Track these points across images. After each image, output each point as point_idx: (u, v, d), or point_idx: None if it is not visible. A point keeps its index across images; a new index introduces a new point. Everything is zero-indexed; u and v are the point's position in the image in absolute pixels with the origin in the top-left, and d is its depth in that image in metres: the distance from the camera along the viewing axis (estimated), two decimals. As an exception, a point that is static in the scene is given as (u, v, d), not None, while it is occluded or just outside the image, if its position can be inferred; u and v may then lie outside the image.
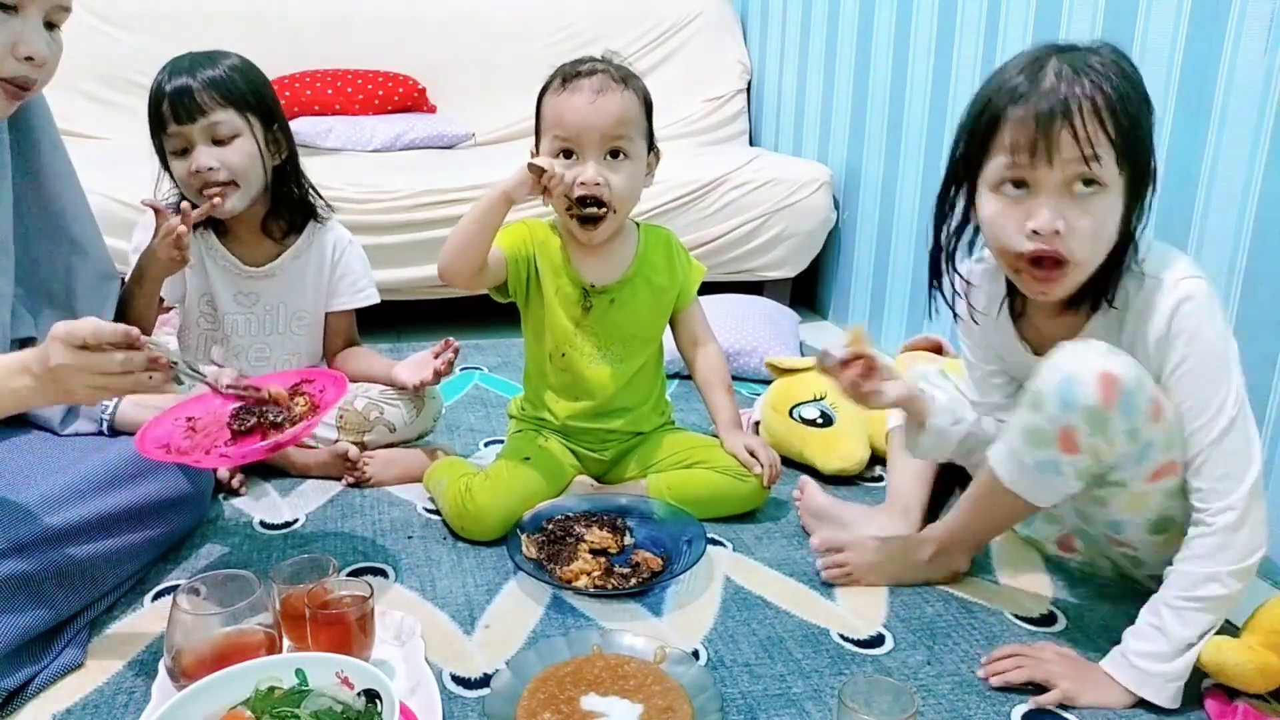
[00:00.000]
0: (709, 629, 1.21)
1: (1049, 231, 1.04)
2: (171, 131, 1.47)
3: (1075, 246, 1.05)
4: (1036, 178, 1.05)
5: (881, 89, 2.39)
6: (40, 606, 1.08)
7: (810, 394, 1.71)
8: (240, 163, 1.49)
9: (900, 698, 0.90)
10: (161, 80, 1.48)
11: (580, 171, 1.39)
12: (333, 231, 1.66)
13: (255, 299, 1.63)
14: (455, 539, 1.42)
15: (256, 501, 1.52)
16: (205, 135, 1.47)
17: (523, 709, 1.00)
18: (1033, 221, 1.05)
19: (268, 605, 1.00)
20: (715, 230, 2.53)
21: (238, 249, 1.60)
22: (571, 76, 1.40)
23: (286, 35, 2.90)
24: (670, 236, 1.56)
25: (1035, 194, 1.06)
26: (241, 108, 1.49)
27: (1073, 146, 1.02)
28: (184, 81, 1.46)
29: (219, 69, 1.49)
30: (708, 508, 1.46)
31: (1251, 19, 1.35)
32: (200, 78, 1.46)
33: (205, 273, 1.60)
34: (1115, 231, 1.08)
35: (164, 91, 1.46)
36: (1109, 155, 1.03)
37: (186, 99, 1.45)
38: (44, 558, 1.08)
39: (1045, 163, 1.04)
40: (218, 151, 1.48)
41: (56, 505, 1.12)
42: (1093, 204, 1.05)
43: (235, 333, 1.63)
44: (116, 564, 1.20)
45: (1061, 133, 1.02)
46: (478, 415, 1.93)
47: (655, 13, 3.20)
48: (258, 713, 0.86)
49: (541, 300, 1.50)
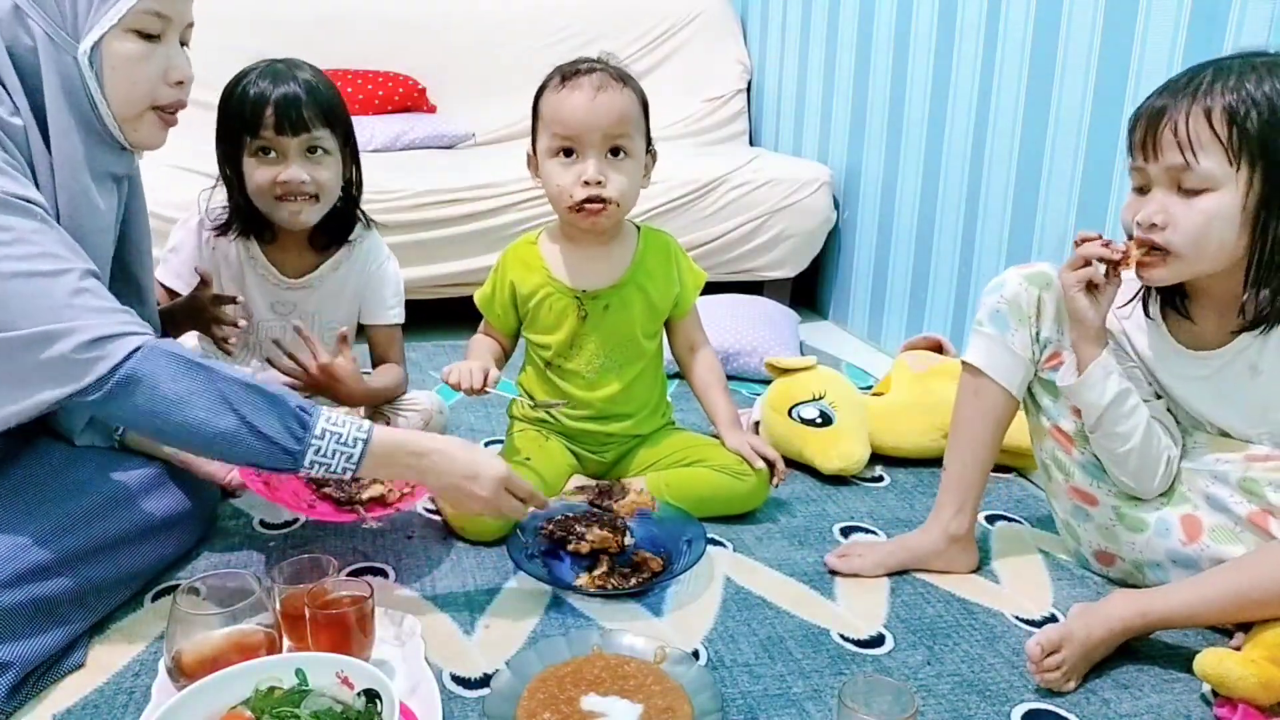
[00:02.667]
0: (709, 629, 1.21)
1: (1147, 224, 1.12)
2: (266, 138, 1.44)
3: (1174, 239, 1.10)
4: (1147, 175, 1.12)
5: (881, 89, 2.39)
6: (58, 626, 1.08)
7: (810, 394, 1.71)
8: (328, 181, 1.49)
9: (900, 698, 0.90)
10: (261, 85, 1.44)
11: (582, 169, 1.39)
12: (370, 243, 1.64)
13: (292, 308, 1.61)
14: (455, 539, 1.42)
15: (256, 502, 1.52)
16: (301, 149, 1.46)
17: (523, 709, 1.00)
18: (1139, 214, 1.13)
19: (268, 605, 1.00)
20: (715, 230, 2.53)
21: (279, 258, 1.58)
22: (571, 75, 1.39)
23: (286, 35, 2.89)
24: (670, 242, 1.55)
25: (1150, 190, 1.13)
26: (335, 126, 1.49)
27: (1171, 144, 1.09)
28: (292, 90, 1.44)
29: (317, 81, 1.48)
30: (706, 506, 1.46)
31: (1251, 19, 1.35)
32: (306, 90, 1.45)
33: (243, 280, 1.58)
34: (1231, 233, 1.09)
35: (266, 98, 1.43)
36: (1212, 156, 1.07)
37: (294, 112, 1.43)
38: (61, 580, 1.09)
39: (1150, 161, 1.11)
40: (310, 167, 1.46)
41: (73, 527, 1.12)
42: (1198, 201, 1.09)
43: (268, 341, 1.62)
44: (128, 581, 1.20)
45: (1164, 131, 1.09)
46: (478, 415, 1.93)
47: (655, 13, 3.20)
48: (258, 713, 0.86)
49: (536, 321, 1.51)
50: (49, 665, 1.07)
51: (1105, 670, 1.13)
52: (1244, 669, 1.02)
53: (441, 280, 2.40)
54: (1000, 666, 1.14)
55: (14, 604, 1.03)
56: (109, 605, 1.18)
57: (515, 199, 2.35)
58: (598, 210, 1.40)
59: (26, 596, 1.04)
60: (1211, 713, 1.06)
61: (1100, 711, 1.06)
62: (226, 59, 2.79)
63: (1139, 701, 1.08)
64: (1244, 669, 1.02)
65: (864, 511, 1.55)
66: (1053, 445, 1.29)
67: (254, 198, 1.49)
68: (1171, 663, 1.15)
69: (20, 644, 1.03)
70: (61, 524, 1.11)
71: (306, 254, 1.60)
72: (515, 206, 2.36)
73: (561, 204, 1.42)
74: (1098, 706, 1.07)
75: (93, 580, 1.13)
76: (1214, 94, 1.07)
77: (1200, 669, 1.05)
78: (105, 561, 1.15)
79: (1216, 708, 1.06)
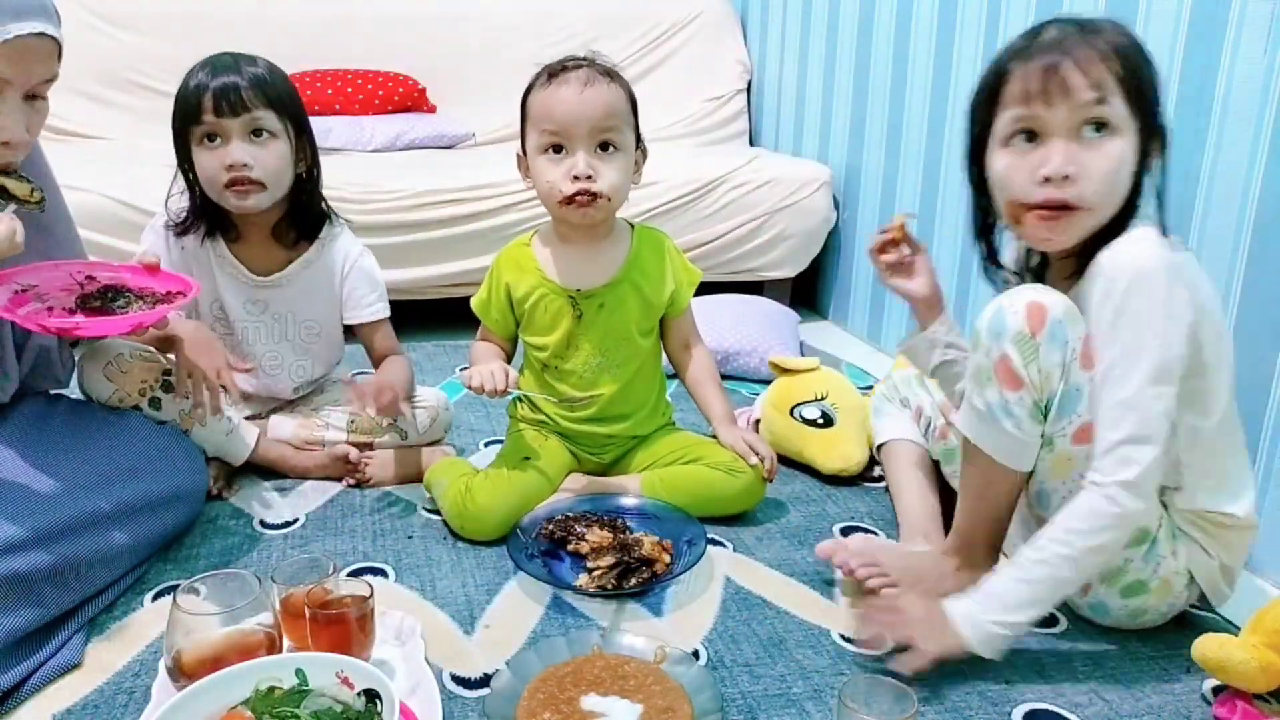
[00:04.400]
0: (709, 629, 1.21)
1: (1060, 176, 1.04)
2: (208, 122, 1.45)
3: (1087, 190, 1.05)
4: (1046, 123, 1.05)
5: (881, 89, 2.39)
6: (31, 605, 1.08)
7: (812, 394, 1.71)
8: (273, 165, 1.49)
9: (900, 698, 0.90)
10: (202, 76, 1.46)
11: (571, 164, 1.38)
12: (342, 241, 1.64)
13: (264, 307, 1.62)
14: (455, 539, 1.42)
15: (256, 502, 1.52)
16: (244, 131, 1.46)
17: (523, 709, 1.00)
18: (1045, 168, 1.05)
19: (268, 605, 1.00)
20: (715, 230, 2.53)
21: (246, 255, 1.59)
22: (558, 72, 1.39)
23: (286, 35, 2.90)
24: (665, 240, 1.55)
25: (1046, 140, 1.05)
26: (281, 111, 1.49)
27: (1082, 84, 1.02)
28: (231, 78, 1.45)
29: (262, 69, 1.49)
30: (702, 504, 1.45)
31: (1251, 19, 1.35)
32: (247, 75, 1.46)
33: (214, 280, 1.59)
34: (1128, 181, 1.06)
35: (205, 85, 1.44)
36: (1118, 96, 1.03)
37: (232, 94, 1.44)
38: (36, 557, 1.08)
39: (1055, 103, 1.03)
40: (253, 150, 1.47)
41: (49, 504, 1.12)
42: (1105, 146, 1.04)
43: (247, 340, 1.62)
44: (109, 562, 1.19)
45: (1070, 72, 1.02)
46: (478, 415, 1.93)
47: (655, 13, 3.20)
48: (258, 713, 0.86)
49: (532, 322, 1.51)
50: (27, 652, 1.06)
51: (1106, 670, 1.14)
52: (1244, 654, 1.02)
53: (441, 280, 2.40)
54: (1000, 666, 1.14)
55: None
56: (92, 587, 1.17)
57: (515, 199, 2.35)
58: (588, 203, 1.40)
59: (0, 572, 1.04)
60: (1211, 713, 1.06)
61: (1101, 711, 1.06)
62: (226, 59, 2.82)
63: (1139, 702, 1.08)
64: (1244, 654, 1.02)
65: (864, 511, 1.55)
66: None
67: (206, 189, 1.50)
68: (1171, 663, 1.15)
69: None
70: (36, 502, 1.10)
71: (274, 251, 1.60)
72: (515, 206, 2.37)
73: (552, 200, 1.42)
74: (1099, 707, 1.07)
75: (70, 558, 1.12)
76: (1095, 38, 1.03)
77: (1200, 654, 1.05)
78: (83, 540, 1.14)
79: (1216, 708, 1.06)
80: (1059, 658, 1.16)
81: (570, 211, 1.41)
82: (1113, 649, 1.18)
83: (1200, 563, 1.14)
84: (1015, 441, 1.13)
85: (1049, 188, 1.05)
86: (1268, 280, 1.35)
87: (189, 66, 1.49)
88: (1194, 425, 1.10)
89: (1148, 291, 1.03)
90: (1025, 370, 1.08)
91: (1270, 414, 1.34)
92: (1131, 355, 1.03)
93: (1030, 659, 1.16)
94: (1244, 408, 1.38)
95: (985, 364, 1.11)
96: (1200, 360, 1.07)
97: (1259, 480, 1.36)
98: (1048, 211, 1.06)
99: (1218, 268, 1.42)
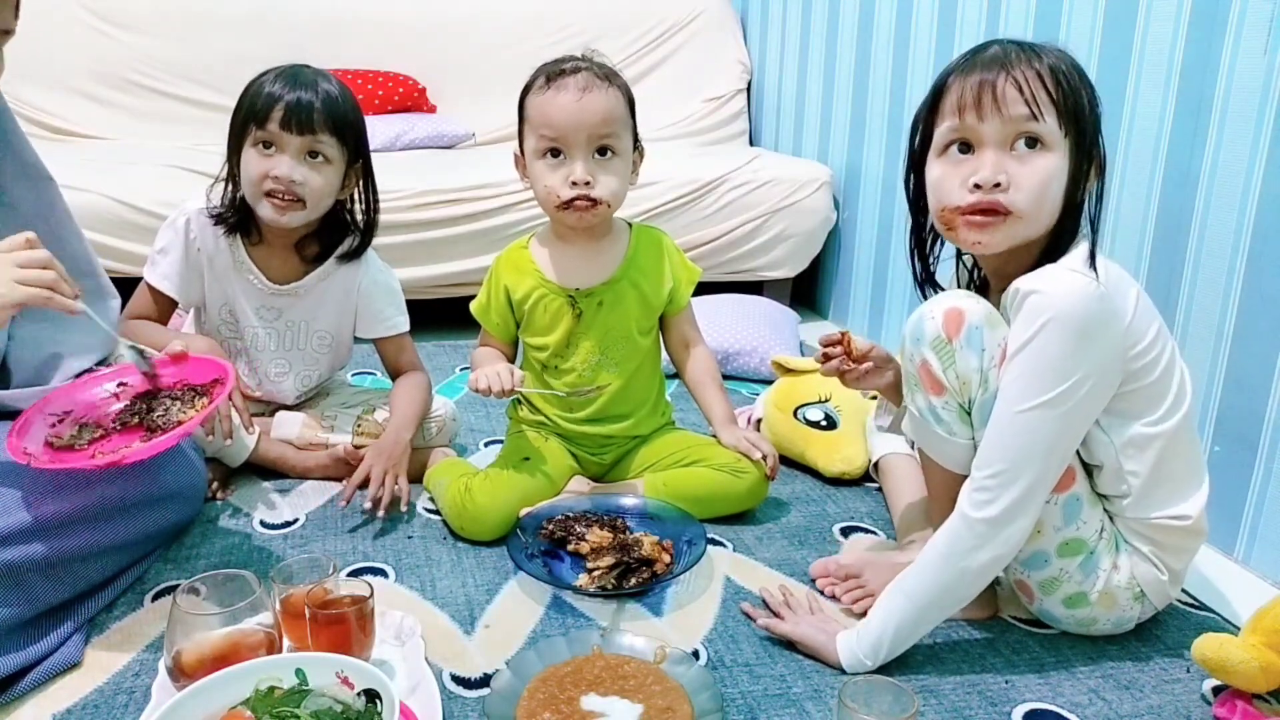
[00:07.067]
0: (709, 629, 1.21)
1: (989, 184, 1.06)
2: (270, 131, 1.44)
3: (1017, 198, 1.06)
4: (980, 134, 1.07)
5: (881, 89, 2.39)
6: (20, 597, 1.07)
7: (815, 395, 1.71)
8: (319, 188, 1.48)
9: (900, 698, 0.90)
10: (278, 86, 1.44)
11: (570, 170, 1.38)
12: (364, 257, 1.62)
13: (278, 314, 1.61)
14: (455, 539, 1.42)
15: (256, 501, 1.52)
16: (301, 150, 1.45)
17: (523, 709, 1.00)
18: (975, 176, 1.07)
19: (268, 605, 1.00)
20: (715, 230, 2.53)
21: (265, 262, 1.58)
22: (555, 75, 1.39)
23: (286, 35, 2.90)
24: (663, 238, 1.55)
25: (979, 152, 1.08)
26: (342, 137, 1.48)
27: (1016, 99, 1.04)
28: (307, 96, 1.44)
29: (335, 90, 1.48)
30: (705, 505, 1.46)
31: (1251, 19, 1.35)
32: (321, 96, 1.45)
33: (230, 284, 1.58)
34: (1059, 197, 1.08)
35: (279, 97, 1.43)
36: (1051, 115, 1.05)
37: (304, 114, 1.43)
38: (27, 548, 1.08)
39: (988, 116, 1.06)
40: (304, 170, 1.46)
41: (40, 497, 1.11)
42: (1035, 160, 1.06)
43: (255, 345, 1.61)
44: (101, 556, 1.19)
45: (1005, 86, 1.05)
46: (478, 415, 1.93)
47: (655, 13, 3.20)
48: (258, 713, 0.86)
49: (532, 323, 1.51)
50: (15, 645, 1.06)
51: (1106, 670, 1.14)
52: (1244, 654, 1.02)
53: (441, 280, 2.40)
54: (1000, 666, 1.14)
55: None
56: (84, 581, 1.16)
57: (515, 199, 2.36)
58: (586, 208, 1.40)
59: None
60: (1211, 713, 1.06)
61: (1101, 711, 1.06)
62: (226, 59, 2.82)
63: (1139, 702, 1.08)
64: (1244, 654, 1.02)
65: (864, 511, 1.55)
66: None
67: (245, 188, 1.49)
68: (1171, 663, 1.15)
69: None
70: (28, 494, 1.10)
71: (293, 261, 1.59)
72: (515, 206, 2.37)
73: (550, 203, 1.42)
74: (1099, 707, 1.07)
75: (61, 551, 1.12)
76: (1034, 58, 1.05)
77: (1199, 653, 1.05)
78: (76, 534, 1.14)
79: (1216, 708, 1.06)
80: (1059, 658, 1.16)
81: (568, 215, 1.42)
82: (1113, 649, 1.18)
83: (1149, 578, 1.15)
84: (949, 444, 1.14)
85: (979, 193, 1.07)
86: (1268, 280, 1.35)
87: (189, 66, 1.48)
88: (1143, 434, 1.09)
89: (1059, 339, 1.02)
90: (944, 375, 1.11)
91: (1270, 414, 1.34)
92: (1019, 387, 1.04)
93: (1030, 659, 1.16)
94: (1244, 407, 1.39)
95: (910, 370, 1.15)
96: (1131, 370, 1.08)
97: (1260, 480, 1.36)
98: (978, 215, 1.08)
99: (1218, 268, 1.42)
